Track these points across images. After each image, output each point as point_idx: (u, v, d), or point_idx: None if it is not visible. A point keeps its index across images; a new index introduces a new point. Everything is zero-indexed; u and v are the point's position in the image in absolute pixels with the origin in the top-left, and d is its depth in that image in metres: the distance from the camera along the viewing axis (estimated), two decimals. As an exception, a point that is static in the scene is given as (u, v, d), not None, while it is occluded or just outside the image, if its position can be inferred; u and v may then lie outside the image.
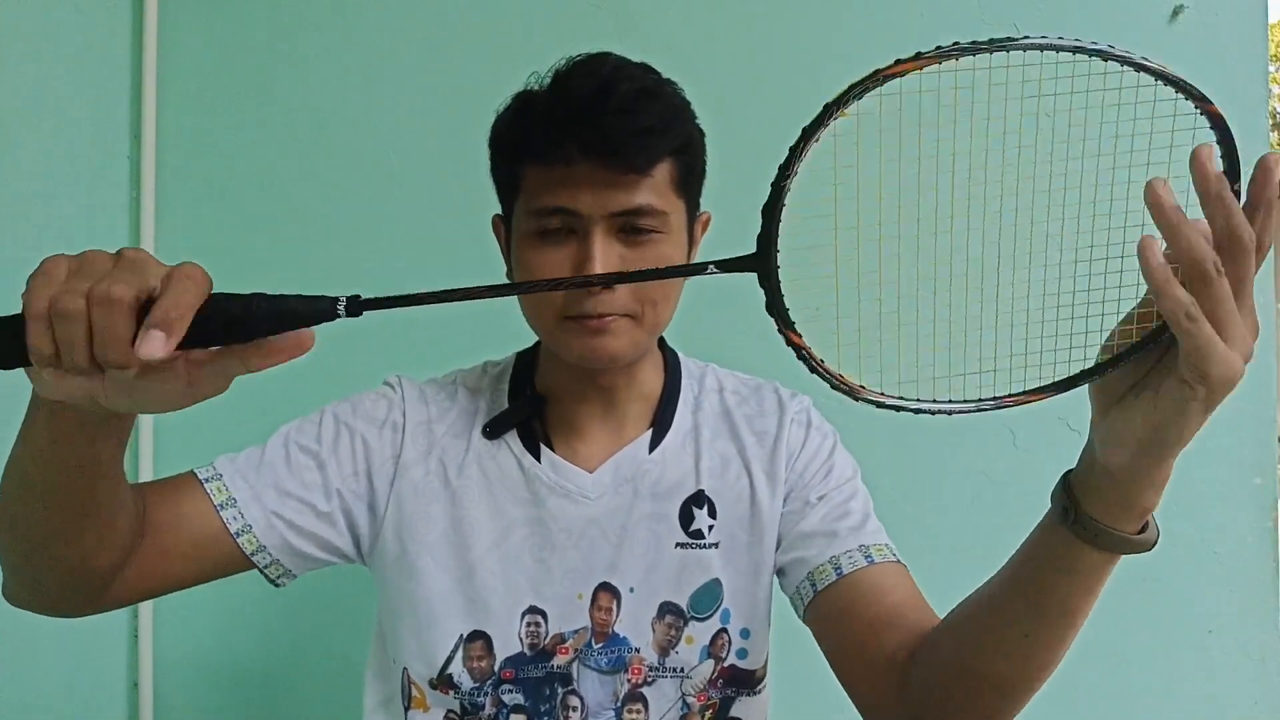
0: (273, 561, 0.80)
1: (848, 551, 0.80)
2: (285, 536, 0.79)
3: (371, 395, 0.88)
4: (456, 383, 0.91)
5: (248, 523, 0.78)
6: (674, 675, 0.83)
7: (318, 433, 0.84)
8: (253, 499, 0.78)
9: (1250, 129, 1.36)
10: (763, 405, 0.91)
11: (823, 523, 0.83)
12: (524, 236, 0.79)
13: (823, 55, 1.39)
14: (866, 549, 0.81)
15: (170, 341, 0.47)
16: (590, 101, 0.73)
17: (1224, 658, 1.34)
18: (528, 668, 0.82)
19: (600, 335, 0.77)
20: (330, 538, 0.83)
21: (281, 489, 0.80)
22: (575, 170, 0.74)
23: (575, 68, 0.78)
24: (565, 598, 0.83)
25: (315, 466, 0.82)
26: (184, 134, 1.42)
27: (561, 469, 0.85)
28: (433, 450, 0.86)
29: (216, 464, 0.81)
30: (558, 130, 0.74)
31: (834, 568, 0.80)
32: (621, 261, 0.76)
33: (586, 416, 0.87)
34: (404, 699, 0.85)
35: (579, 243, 0.76)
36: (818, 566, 0.81)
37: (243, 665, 1.41)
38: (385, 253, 1.40)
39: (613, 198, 0.75)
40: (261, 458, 0.81)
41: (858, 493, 0.87)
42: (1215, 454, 1.34)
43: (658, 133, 0.75)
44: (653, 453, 0.87)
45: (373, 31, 1.43)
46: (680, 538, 0.84)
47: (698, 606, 0.84)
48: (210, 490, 0.78)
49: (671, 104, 0.78)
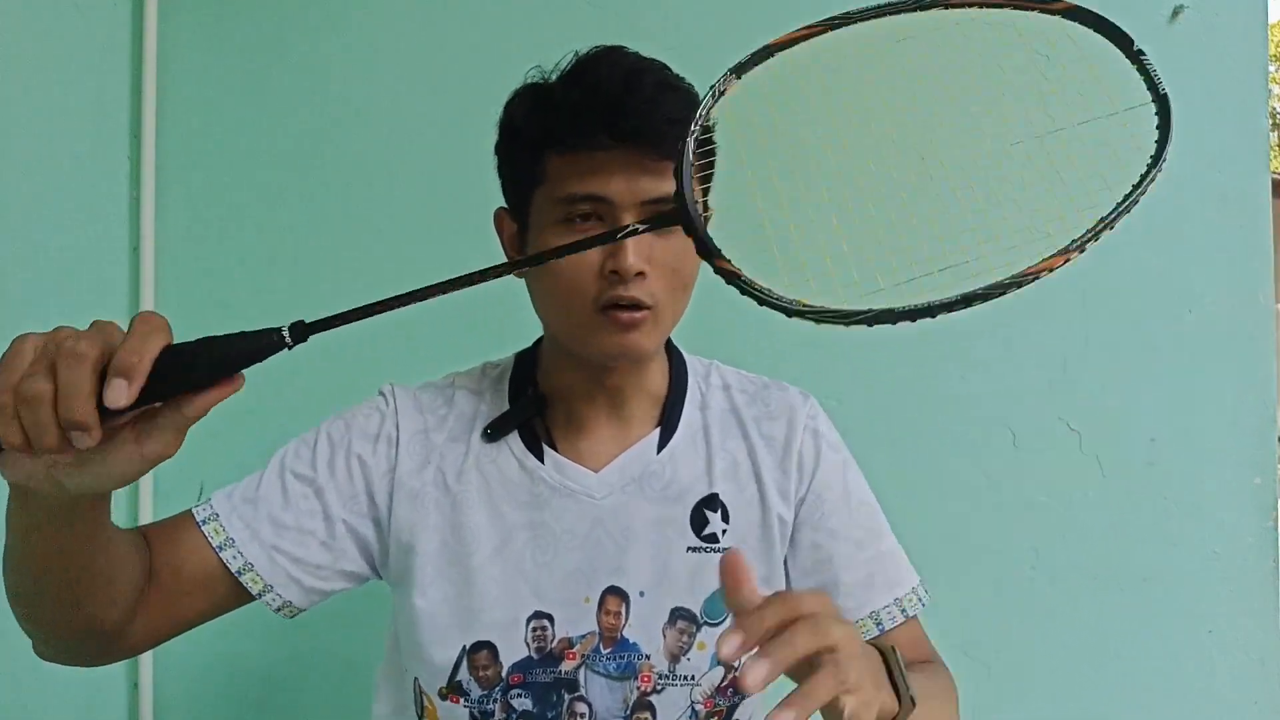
0: (284, 604, 0.80)
1: (886, 607, 0.86)
2: (289, 571, 0.79)
3: (364, 409, 0.87)
4: (454, 386, 0.90)
5: (248, 561, 0.78)
6: (684, 683, 0.82)
7: (312, 457, 0.83)
8: (251, 538, 0.78)
9: (1250, 129, 1.36)
10: (770, 406, 0.90)
11: (860, 570, 0.86)
12: (550, 225, 0.78)
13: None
14: (901, 602, 0.86)
15: (132, 388, 0.48)
16: (619, 91, 0.74)
17: (1224, 658, 1.34)
18: (535, 672, 0.81)
19: (629, 331, 0.77)
20: (338, 564, 0.82)
21: (278, 522, 0.79)
22: (606, 157, 0.74)
23: (596, 59, 0.78)
24: (571, 601, 0.81)
25: (313, 494, 0.81)
26: (184, 134, 1.42)
27: (565, 469, 0.84)
28: (430, 459, 0.84)
29: (214, 501, 0.80)
30: (588, 118, 0.74)
31: (875, 623, 0.85)
32: (651, 249, 0.76)
33: (592, 415, 0.86)
34: (417, 707, 0.85)
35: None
36: (857, 621, 0.85)
37: (243, 666, 1.40)
38: (385, 252, 1.40)
39: (643, 185, 0.75)
40: (257, 491, 0.80)
41: (878, 527, 0.89)
42: (1215, 454, 1.34)
43: (684, 123, 0.75)
44: (660, 453, 0.86)
45: (373, 31, 1.43)
46: (693, 541, 0.83)
47: (710, 612, 0.83)
48: (208, 533, 0.78)
49: (690, 97, 0.79)
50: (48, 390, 0.48)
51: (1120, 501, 1.34)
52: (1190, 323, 1.35)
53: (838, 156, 0.73)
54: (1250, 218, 1.35)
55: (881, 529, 0.89)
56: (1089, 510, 1.34)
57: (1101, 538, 1.35)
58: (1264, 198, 1.36)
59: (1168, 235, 1.35)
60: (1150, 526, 1.34)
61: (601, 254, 0.76)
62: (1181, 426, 1.34)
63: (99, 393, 0.48)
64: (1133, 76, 0.58)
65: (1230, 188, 1.35)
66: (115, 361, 0.48)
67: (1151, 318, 1.35)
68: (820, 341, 1.35)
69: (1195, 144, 1.35)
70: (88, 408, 0.48)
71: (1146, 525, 1.34)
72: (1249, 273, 1.35)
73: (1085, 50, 0.59)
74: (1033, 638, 1.35)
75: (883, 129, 0.71)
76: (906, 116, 0.70)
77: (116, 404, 0.48)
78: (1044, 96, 0.71)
